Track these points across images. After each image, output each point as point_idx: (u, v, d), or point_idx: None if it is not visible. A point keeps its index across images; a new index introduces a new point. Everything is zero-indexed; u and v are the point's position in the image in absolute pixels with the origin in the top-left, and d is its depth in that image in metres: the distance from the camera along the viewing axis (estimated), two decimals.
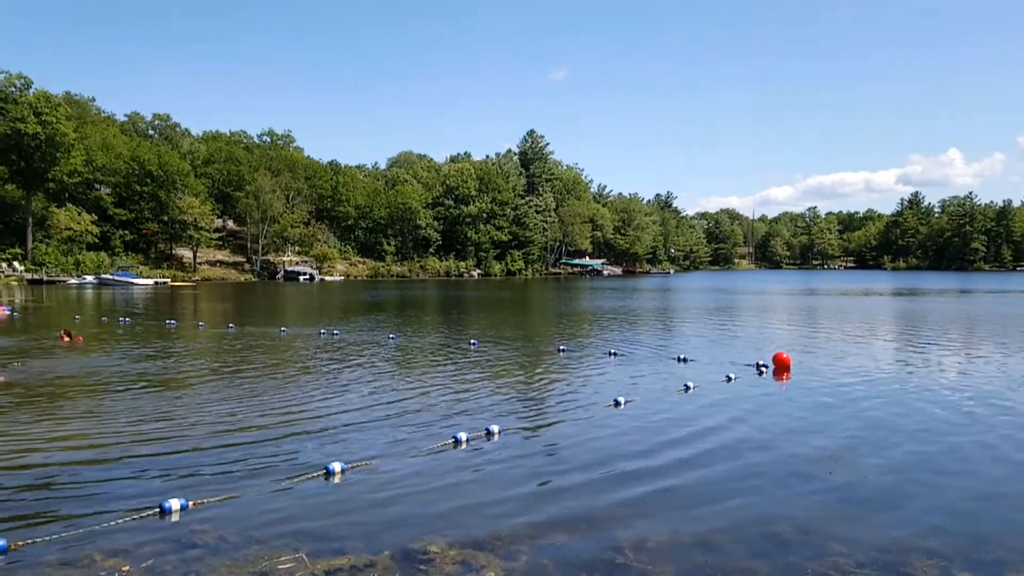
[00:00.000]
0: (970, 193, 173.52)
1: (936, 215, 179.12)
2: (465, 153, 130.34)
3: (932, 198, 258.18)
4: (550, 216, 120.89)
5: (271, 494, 6.86)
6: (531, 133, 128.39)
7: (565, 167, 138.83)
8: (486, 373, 14.64)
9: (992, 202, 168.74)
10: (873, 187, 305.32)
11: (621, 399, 11.33)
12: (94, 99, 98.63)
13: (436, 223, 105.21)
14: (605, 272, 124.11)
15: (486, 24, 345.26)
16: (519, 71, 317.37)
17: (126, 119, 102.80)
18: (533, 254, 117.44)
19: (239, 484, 7.14)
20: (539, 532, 5.96)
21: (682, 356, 16.58)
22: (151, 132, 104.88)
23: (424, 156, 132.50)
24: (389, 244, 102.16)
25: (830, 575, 5.15)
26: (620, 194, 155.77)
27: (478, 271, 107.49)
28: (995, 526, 6.14)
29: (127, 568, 5.26)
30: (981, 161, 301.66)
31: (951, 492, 7.05)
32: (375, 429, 9.57)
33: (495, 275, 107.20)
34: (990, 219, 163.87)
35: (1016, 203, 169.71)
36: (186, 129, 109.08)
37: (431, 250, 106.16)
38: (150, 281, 68.60)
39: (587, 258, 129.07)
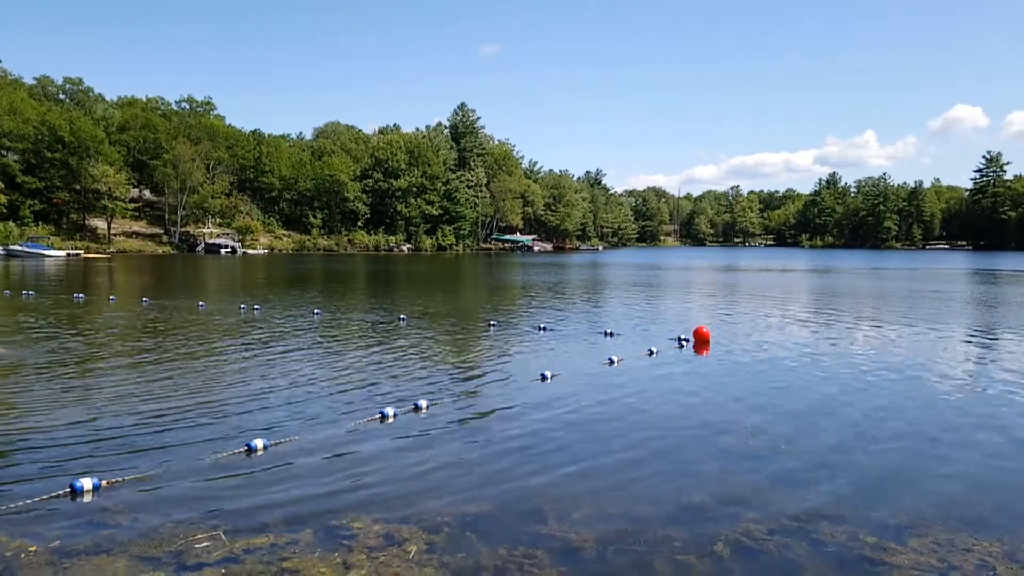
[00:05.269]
0: (884, 174, 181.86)
1: (852, 195, 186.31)
2: (394, 125, 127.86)
3: (848, 178, 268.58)
4: (481, 191, 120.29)
5: (189, 472, 6.67)
6: (462, 106, 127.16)
7: (496, 142, 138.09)
8: (415, 349, 14.55)
9: (904, 183, 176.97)
10: (793, 167, 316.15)
11: (548, 374, 11.46)
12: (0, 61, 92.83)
13: (364, 196, 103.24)
14: (536, 248, 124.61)
15: None
16: (450, 44, 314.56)
17: (35, 82, 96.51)
18: (464, 229, 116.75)
19: (156, 462, 6.92)
20: (464, 505, 5.99)
21: (608, 330, 16.86)
22: (62, 96, 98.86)
23: (352, 127, 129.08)
24: (315, 217, 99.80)
25: (743, 541, 5.34)
26: (551, 171, 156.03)
27: (408, 246, 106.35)
28: (901, 492, 6.46)
29: (34, 548, 5.06)
30: (894, 144, 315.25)
31: (860, 460, 7.38)
32: (299, 405, 9.41)
33: (426, 250, 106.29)
34: (902, 199, 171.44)
35: (927, 184, 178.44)
36: (99, 94, 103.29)
37: (359, 224, 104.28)
38: (62, 253, 65.44)
39: (518, 234, 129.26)
